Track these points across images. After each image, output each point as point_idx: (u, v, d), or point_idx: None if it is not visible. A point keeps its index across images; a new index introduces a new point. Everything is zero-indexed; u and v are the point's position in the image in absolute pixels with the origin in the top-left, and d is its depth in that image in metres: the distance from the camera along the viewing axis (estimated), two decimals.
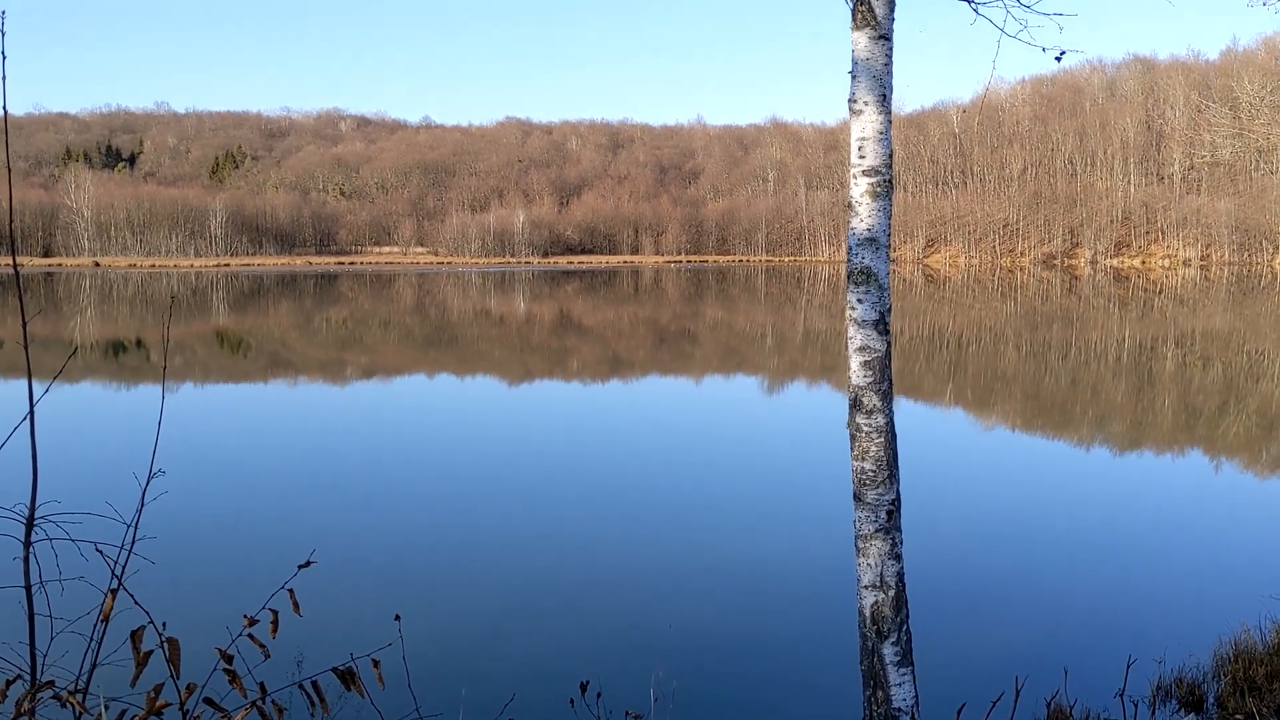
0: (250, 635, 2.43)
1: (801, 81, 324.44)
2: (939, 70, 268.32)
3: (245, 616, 2.44)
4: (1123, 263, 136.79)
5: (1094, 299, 70.17)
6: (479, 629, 9.50)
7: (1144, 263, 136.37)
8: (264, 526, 13.11)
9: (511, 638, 9.28)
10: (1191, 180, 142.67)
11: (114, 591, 2.35)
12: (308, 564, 2.69)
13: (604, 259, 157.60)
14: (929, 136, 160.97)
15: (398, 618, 3.24)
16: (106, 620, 2.33)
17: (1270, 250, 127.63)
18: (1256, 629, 8.44)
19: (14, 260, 3.09)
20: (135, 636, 2.24)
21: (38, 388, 2.61)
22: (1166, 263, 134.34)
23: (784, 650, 9.00)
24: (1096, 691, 7.70)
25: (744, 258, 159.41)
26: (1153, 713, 7.67)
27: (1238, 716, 7.35)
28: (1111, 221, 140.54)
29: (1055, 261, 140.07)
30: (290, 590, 2.52)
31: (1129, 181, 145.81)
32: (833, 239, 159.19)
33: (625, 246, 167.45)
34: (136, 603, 2.36)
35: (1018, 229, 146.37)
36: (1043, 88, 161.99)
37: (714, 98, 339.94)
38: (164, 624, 2.37)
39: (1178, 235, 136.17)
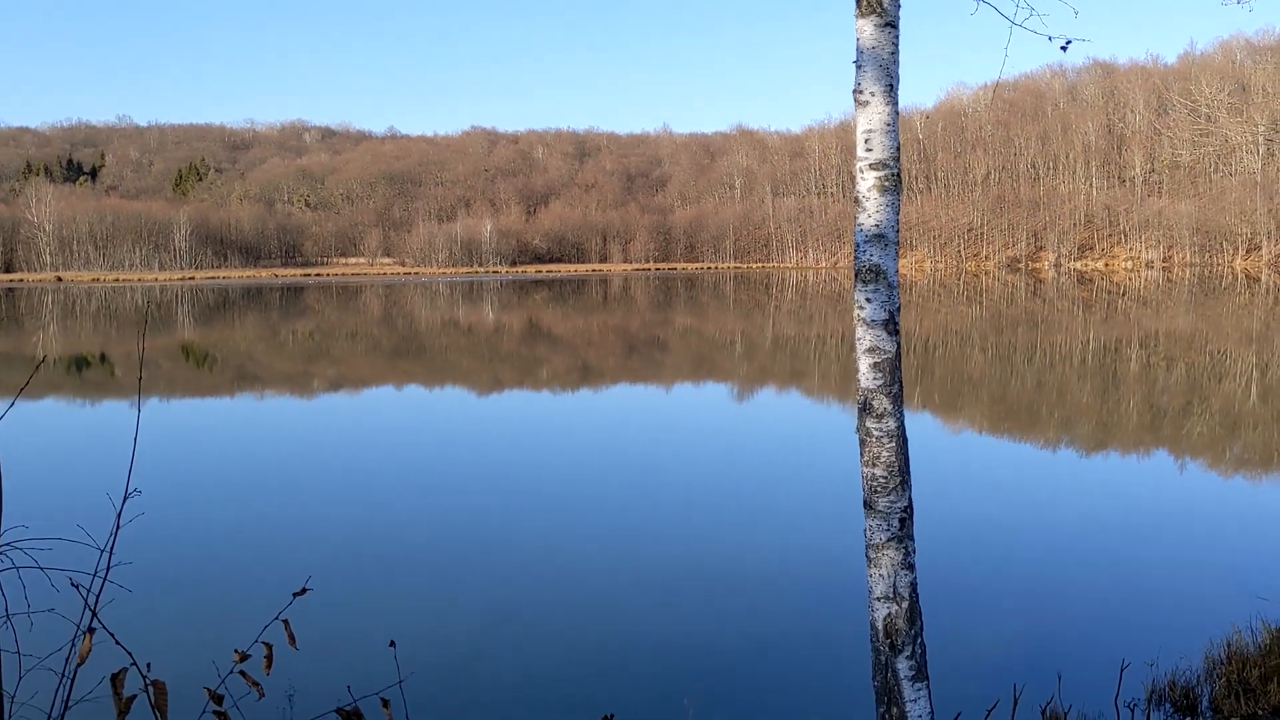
0: (242, 672, 2.21)
1: (767, 89, 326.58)
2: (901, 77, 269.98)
3: (236, 652, 2.22)
4: (1086, 265, 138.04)
5: (1058, 302, 70.69)
6: (471, 651, 9.27)
7: (1107, 265, 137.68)
8: (240, 549, 12.66)
9: (503, 661, 9.06)
10: (1153, 183, 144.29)
11: (90, 631, 2.11)
12: (304, 591, 2.47)
13: (572, 267, 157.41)
14: None
15: (392, 644, 3.04)
16: (83, 660, 2.09)
17: (1231, 251, 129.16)
18: (1247, 629, 8.38)
19: None
20: (116, 681, 1.99)
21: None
22: (1129, 265, 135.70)
23: (787, 668, 8.83)
24: (1091, 696, 7.61)
25: (712, 265, 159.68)
26: (1148, 717, 7.57)
27: (1233, 719, 7.27)
28: (1074, 225, 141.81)
29: (1019, 265, 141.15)
30: (285, 621, 2.29)
31: (1091, 185, 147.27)
32: (799, 245, 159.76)
33: (594, 255, 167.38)
34: (118, 643, 2.13)
35: (982, 233, 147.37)
36: (1005, 93, 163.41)
37: (680, 106, 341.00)
38: (148, 665, 2.14)
39: (1140, 237, 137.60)
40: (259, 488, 16.28)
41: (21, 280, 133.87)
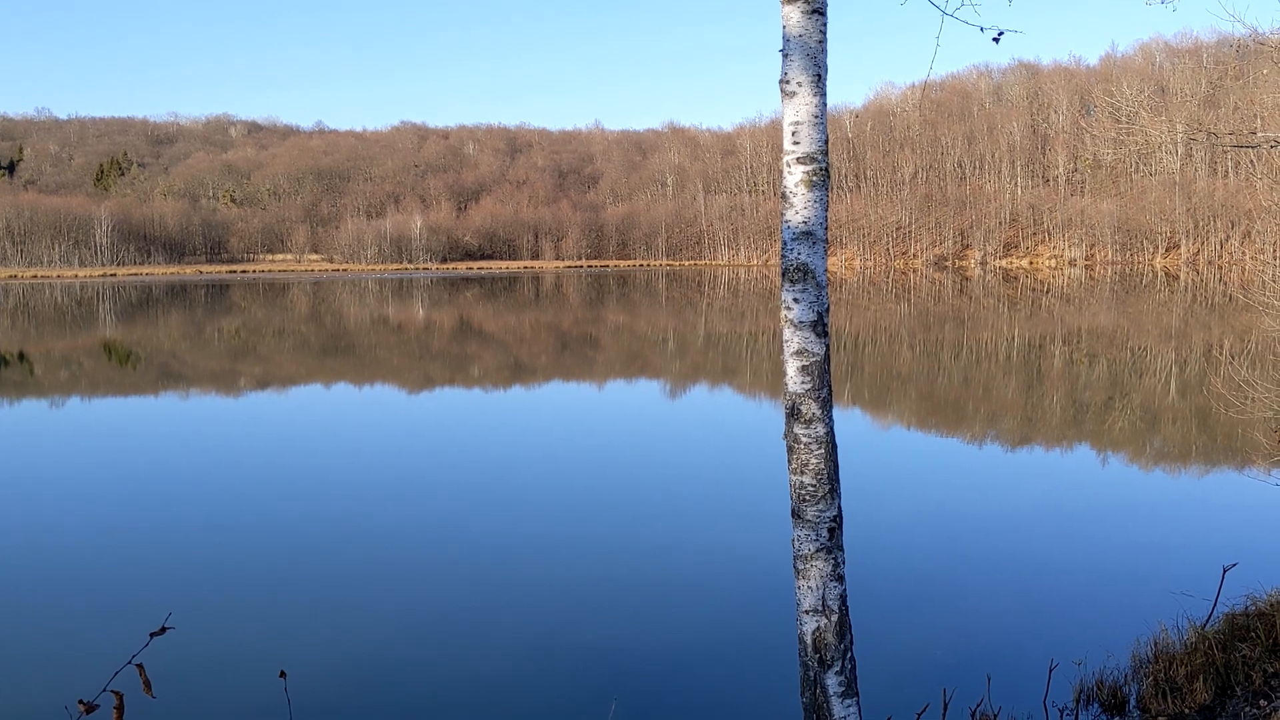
0: None
1: (699, 87, 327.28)
2: (830, 77, 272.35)
3: (81, 703, 1.96)
4: (1011, 263, 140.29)
5: (984, 299, 71.69)
6: (388, 658, 8.98)
7: (1031, 263, 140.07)
8: (123, 571, 11.85)
9: (424, 668, 8.78)
10: (1075, 182, 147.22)
11: None
12: (162, 631, 2.20)
13: (504, 264, 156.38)
14: None
15: (283, 674, 2.81)
16: None
17: (1151, 249, 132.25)
18: (1174, 626, 8.39)
19: None
20: None
21: None
22: (1053, 263, 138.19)
23: (717, 678, 8.67)
24: (1021, 697, 7.57)
25: (645, 262, 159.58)
26: (1076, 718, 7.55)
27: (1160, 719, 7.26)
28: (1000, 223, 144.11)
29: (947, 263, 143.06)
30: (140, 665, 2.03)
31: (1016, 184, 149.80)
32: (731, 242, 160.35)
33: (525, 251, 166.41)
34: None
35: (910, 231, 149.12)
36: (932, 92, 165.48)
37: (611, 102, 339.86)
38: None
39: (1063, 236, 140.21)
40: (163, 493, 15.73)
41: None
